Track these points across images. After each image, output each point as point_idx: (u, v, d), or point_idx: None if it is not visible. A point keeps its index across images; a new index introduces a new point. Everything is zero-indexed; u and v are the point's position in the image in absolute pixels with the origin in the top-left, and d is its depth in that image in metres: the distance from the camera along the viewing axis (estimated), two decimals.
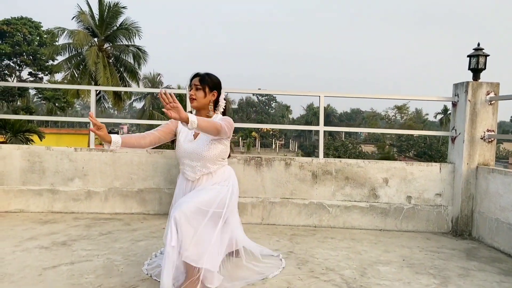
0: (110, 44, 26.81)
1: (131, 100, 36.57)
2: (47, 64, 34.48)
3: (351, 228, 4.02)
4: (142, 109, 48.73)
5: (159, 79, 49.98)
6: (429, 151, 39.07)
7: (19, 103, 33.45)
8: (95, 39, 25.99)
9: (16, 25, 32.93)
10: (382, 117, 63.86)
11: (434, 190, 4.02)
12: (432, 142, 40.26)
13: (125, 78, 27.32)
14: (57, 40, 25.96)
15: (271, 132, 54.67)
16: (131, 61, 26.91)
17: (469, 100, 3.86)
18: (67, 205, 4.27)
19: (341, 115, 76.14)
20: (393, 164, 4.07)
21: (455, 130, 4.03)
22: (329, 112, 68.77)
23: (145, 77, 44.04)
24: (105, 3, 25.42)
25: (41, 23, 35.09)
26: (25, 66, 36.22)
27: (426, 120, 62.30)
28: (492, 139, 3.86)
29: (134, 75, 27.37)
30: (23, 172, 4.24)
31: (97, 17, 25.79)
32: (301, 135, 66.60)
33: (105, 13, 25.65)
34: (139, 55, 26.72)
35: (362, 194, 4.05)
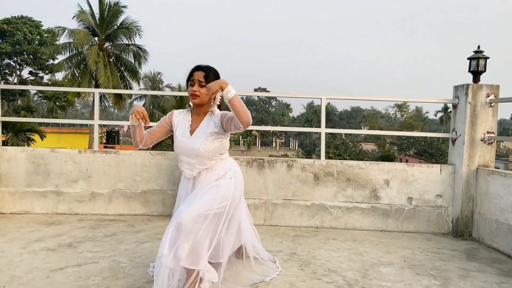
0: (111, 43, 26.82)
1: (132, 99, 36.60)
2: (48, 63, 34.51)
3: (352, 229, 4.07)
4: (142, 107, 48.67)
5: (159, 78, 50.00)
6: (430, 149, 39.14)
7: (19, 102, 33.51)
8: (96, 38, 26.00)
9: (16, 24, 32.96)
10: (382, 115, 63.91)
11: (434, 191, 4.06)
12: (433, 141, 40.31)
13: (126, 77, 27.35)
14: (57, 39, 25.93)
15: (271, 131, 54.70)
16: (132, 60, 26.92)
17: (469, 102, 3.90)
18: (72, 206, 4.31)
19: (341, 114, 76.16)
20: (394, 166, 4.11)
21: (456, 132, 4.07)
22: (329, 110, 68.77)
23: (145, 76, 44.09)
24: (105, 2, 25.43)
25: (41, 22, 35.12)
26: (25, 65, 36.25)
27: (426, 118, 62.33)
28: (492, 140, 3.90)
29: (134, 74, 27.38)
30: (28, 174, 4.29)
31: (97, 16, 25.79)
32: (302, 133, 66.66)
33: (106, 12, 25.64)
34: (140, 54, 26.72)
35: (363, 196, 4.09)
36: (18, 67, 36.24)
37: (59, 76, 33.27)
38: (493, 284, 2.78)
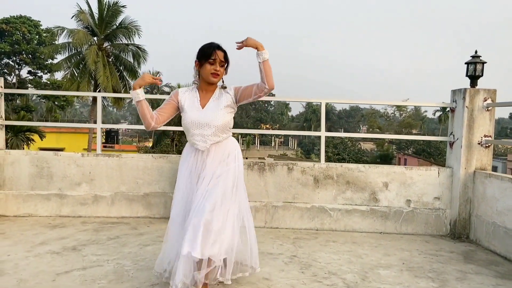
0: (110, 43, 26.83)
1: (130, 99, 36.54)
2: (47, 62, 34.50)
3: (352, 231, 4.13)
4: None
5: (158, 77, 49.89)
6: (428, 148, 39.24)
7: (18, 101, 33.49)
8: (95, 38, 26.00)
9: (15, 24, 32.93)
10: (381, 115, 64.02)
11: (432, 194, 4.12)
12: (431, 140, 40.37)
13: (125, 77, 27.37)
14: (56, 39, 25.91)
15: (270, 130, 54.76)
16: (131, 60, 26.92)
17: (466, 107, 3.96)
18: (75, 209, 4.37)
19: (340, 113, 76.23)
20: (393, 169, 4.18)
21: (453, 136, 4.14)
22: (328, 109, 68.74)
23: None
24: (104, 2, 25.43)
25: (40, 21, 35.08)
26: (24, 65, 36.23)
27: (425, 117, 62.44)
28: (489, 144, 3.96)
29: (133, 74, 27.37)
30: (31, 177, 4.34)
31: (96, 16, 25.79)
32: None
33: (105, 12, 25.65)
34: (139, 54, 26.74)
35: (362, 198, 4.15)
36: (17, 66, 36.22)
37: (58, 75, 33.27)
38: (489, 286, 2.84)
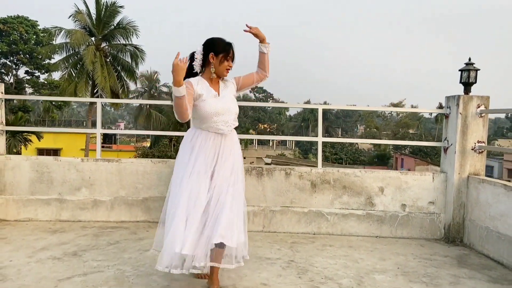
0: (108, 43, 26.83)
1: (128, 98, 36.55)
2: (44, 62, 34.45)
3: (348, 235, 4.20)
4: (139, 107, 48.66)
5: (156, 77, 49.92)
6: (425, 148, 39.39)
7: (15, 101, 33.43)
8: (93, 38, 25.99)
9: (12, 24, 32.85)
10: (378, 114, 64.17)
11: (427, 198, 4.20)
12: (428, 140, 40.57)
13: (123, 77, 27.38)
14: (54, 39, 25.88)
15: (268, 130, 54.90)
16: (129, 60, 26.94)
17: (460, 113, 4.03)
18: (74, 213, 4.42)
19: (337, 112, 76.32)
20: (388, 174, 4.25)
21: (447, 141, 4.21)
22: (326, 109, 68.89)
23: (142, 75, 44.00)
24: (102, 3, 25.42)
25: (37, 21, 35.02)
26: (21, 65, 36.16)
27: (421, 117, 62.61)
28: (483, 150, 4.04)
29: (131, 74, 27.44)
30: (31, 182, 4.39)
31: (94, 16, 25.78)
32: (298, 132, 66.81)
33: (102, 12, 25.64)
34: (137, 54, 26.76)
35: (359, 203, 4.22)
36: (14, 66, 36.14)
37: (55, 76, 33.23)
38: None
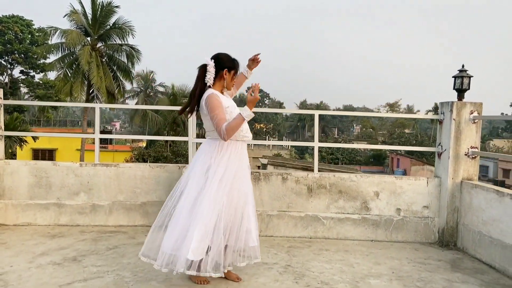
0: (103, 43, 26.74)
1: (124, 98, 36.45)
2: (39, 62, 34.31)
3: (344, 239, 4.26)
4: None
5: (152, 77, 49.82)
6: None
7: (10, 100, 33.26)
8: (88, 38, 25.91)
9: (7, 23, 32.71)
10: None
11: (421, 202, 4.27)
12: (424, 140, 40.81)
13: (119, 77, 27.29)
14: (49, 39, 25.76)
15: (264, 130, 54.95)
16: (125, 60, 26.85)
17: (454, 119, 4.10)
18: (73, 218, 4.45)
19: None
20: (383, 178, 4.31)
21: (441, 146, 4.28)
22: (322, 108, 69.17)
23: (138, 74, 43.90)
24: (98, 3, 25.34)
25: (32, 21, 34.87)
26: (16, 65, 36.00)
27: (418, 114, 62.95)
28: (476, 155, 4.11)
29: (127, 74, 27.35)
30: (30, 187, 4.42)
31: (90, 16, 25.69)
32: (295, 132, 66.95)
33: (98, 12, 25.55)
34: (133, 54, 26.68)
35: (354, 207, 4.28)
36: (9, 66, 35.97)
37: (51, 75, 33.09)
38: None
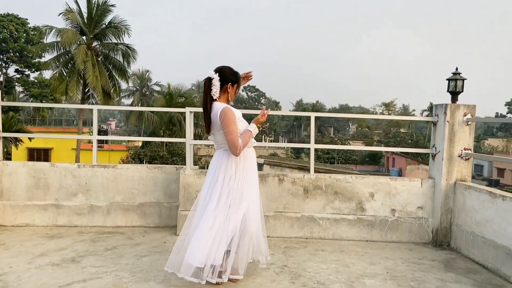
0: (99, 43, 26.67)
1: (119, 97, 36.38)
2: (34, 61, 34.16)
3: (339, 239, 4.32)
4: (131, 105, 48.40)
5: (148, 76, 49.73)
6: (416, 147, 39.76)
7: (5, 100, 33.09)
8: (84, 37, 25.81)
9: (2, 22, 32.57)
10: (370, 114, 64.61)
11: (416, 203, 4.33)
12: (419, 139, 41.02)
13: (114, 77, 27.22)
14: (44, 37, 25.66)
15: (260, 129, 54.99)
16: (120, 59, 26.78)
17: (447, 121, 4.17)
18: (71, 219, 4.48)
19: (329, 111, 76.74)
20: (379, 180, 4.37)
21: (435, 148, 4.35)
22: (318, 108, 69.38)
23: (133, 74, 43.80)
24: (93, 1, 25.25)
25: (27, 20, 34.72)
26: (11, 63, 35.85)
27: (413, 116, 63.21)
28: (469, 157, 4.18)
29: (123, 73, 27.28)
30: (28, 188, 4.45)
31: (85, 15, 25.59)
32: (291, 131, 67.05)
33: (94, 11, 25.47)
34: (128, 53, 26.62)
35: (350, 208, 4.34)
36: (4, 65, 35.81)
37: (46, 74, 32.94)
38: None
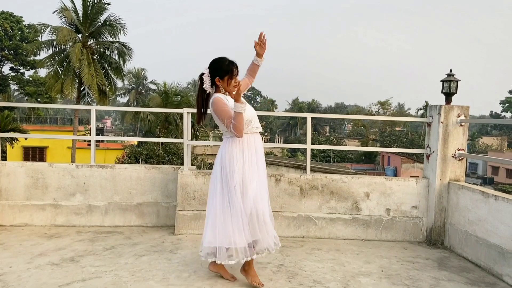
0: (95, 41, 26.58)
1: (115, 96, 36.27)
2: (29, 59, 33.97)
3: (335, 238, 4.38)
4: (127, 104, 48.30)
5: (143, 74, 49.61)
6: (411, 146, 39.98)
7: (0, 98, 32.92)
8: (79, 35, 25.71)
9: None
10: (365, 113, 64.83)
11: (410, 203, 4.40)
12: (414, 138, 41.20)
13: (110, 75, 27.17)
14: (39, 35, 25.54)
15: None
16: (116, 57, 26.72)
17: (441, 122, 4.23)
18: (69, 219, 4.51)
19: (325, 110, 76.96)
20: (374, 180, 4.44)
21: (430, 148, 4.42)
22: (314, 106, 69.48)
23: (129, 72, 43.69)
24: None
25: (22, 17, 34.51)
26: (6, 61, 35.61)
27: (408, 115, 63.52)
28: (462, 157, 4.25)
29: (119, 71, 27.22)
30: (27, 188, 4.47)
31: (80, 13, 25.49)
32: (287, 130, 67.14)
33: (89, 9, 25.36)
34: (124, 51, 26.57)
35: (345, 207, 4.40)
36: None
37: (41, 73, 32.79)
38: None
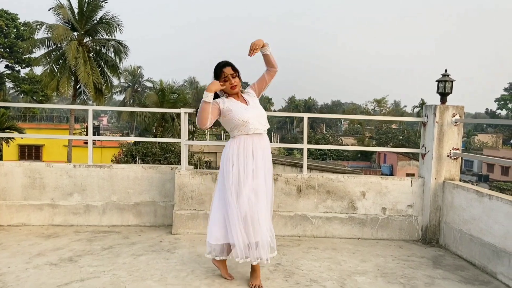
0: (90, 38, 26.48)
1: (111, 93, 36.15)
2: (25, 57, 33.81)
3: (332, 237, 4.42)
4: (123, 102, 48.18)
5: (139, 72, 49.49)
6: (407, 144, 40.10)
7: None
8: (75, 33, 25.60)
9: None
10: (362, 110, 64.97)
11: (406, 202, 4.44)
12: (410, 136, 41.35)
13: (106, 73, 27.08)
14: (35, 33, 25.38)
15: None
16: (112, 55, 26.63)
17: (437, 122, 4.28)
18: (67, 218, 4.53)
19: (322, 107, 77.00)
20: (370, 179, 4.48)
21: (425, 148, 4.46)
22: (310, 104, 69.53)
23: (125, 70, 43.57)
24: None
25: (17, 15, 34.33)
26: (1, 59, 35.42)
27: (404, 112, 63.75)
28: (457, 157, 4.30)
29: (115, 69, 27.15)
30: (24, 188, 4.48)
31: (76, 10, 25.36)
32: (283, 128, 67.19)
33: (85, 6, 25.24)
34: (120, 49, 26.48)
35: (342, 206, 4.44)
36: None
37: (37, 71, 32.64)
38: None
